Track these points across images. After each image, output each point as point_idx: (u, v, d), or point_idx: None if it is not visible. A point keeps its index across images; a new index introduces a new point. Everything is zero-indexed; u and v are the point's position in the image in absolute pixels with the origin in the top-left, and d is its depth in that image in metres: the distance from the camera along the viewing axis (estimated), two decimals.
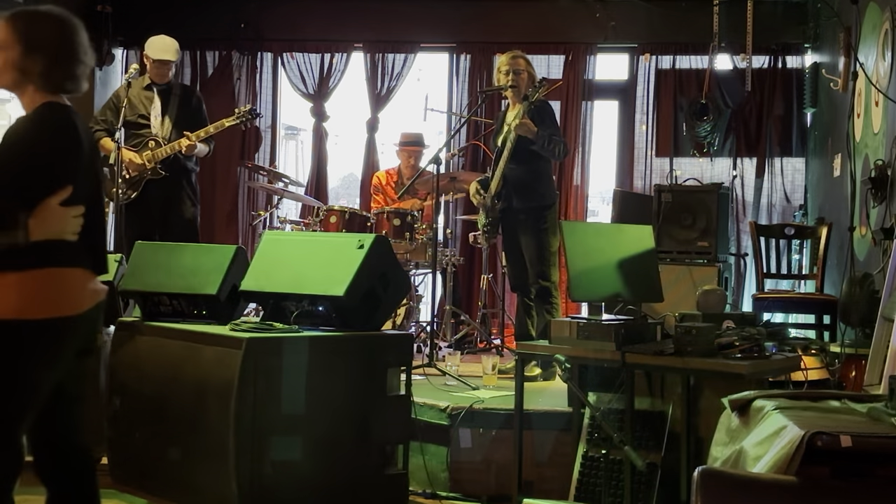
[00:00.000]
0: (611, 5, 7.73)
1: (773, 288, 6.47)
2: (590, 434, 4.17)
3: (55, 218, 2.60)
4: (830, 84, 6.66)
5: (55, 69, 2.69)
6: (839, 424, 2.52)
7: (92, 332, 2.80)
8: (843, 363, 4.39)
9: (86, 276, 2.73)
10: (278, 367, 3.78)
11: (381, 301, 4.16)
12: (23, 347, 2.60)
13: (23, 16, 2.71)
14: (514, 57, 5.60)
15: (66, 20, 2.73)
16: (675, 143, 7.73)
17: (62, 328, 2.65)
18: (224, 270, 4.36)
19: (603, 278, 3.94)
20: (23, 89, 2.71)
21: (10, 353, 2.59)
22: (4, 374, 2.59)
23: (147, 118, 6.07)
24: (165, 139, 5.99)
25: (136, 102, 6.10)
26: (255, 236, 7.16)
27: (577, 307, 6.33)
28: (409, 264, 6.37)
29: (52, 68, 2.68)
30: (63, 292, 2.66)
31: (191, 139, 5.86)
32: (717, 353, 3.56)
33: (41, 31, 2.69)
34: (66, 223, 2.62)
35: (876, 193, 5.21)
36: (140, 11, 7.92)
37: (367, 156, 8.14)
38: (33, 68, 2.67)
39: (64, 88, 2.73)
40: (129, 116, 6.05)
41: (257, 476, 3.69)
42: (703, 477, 2.42)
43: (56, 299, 2.64)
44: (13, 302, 2.59)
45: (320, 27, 8.05)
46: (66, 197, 2.61)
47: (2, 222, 2.56)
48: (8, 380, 2.60)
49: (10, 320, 2.58)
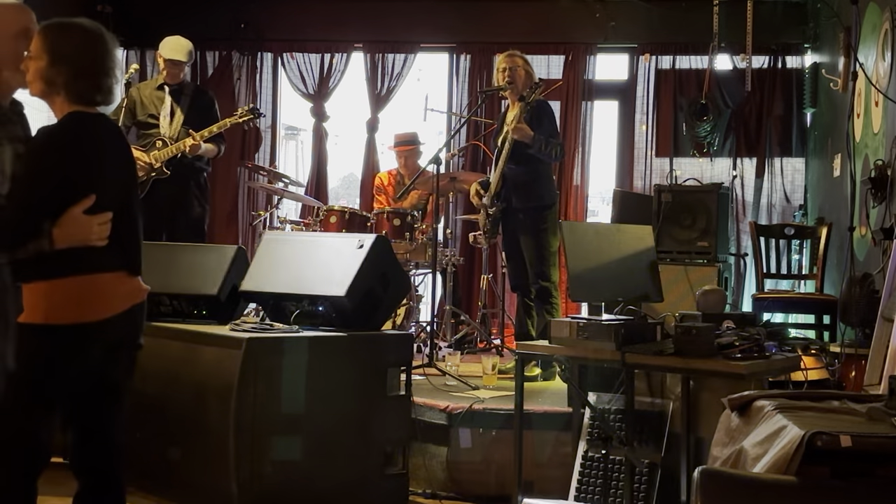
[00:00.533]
0: (611, 5, 7.73)
1: (773, 288, 6.47)
2: (590, 434, 4.17)
3: (79, 226, 2.67)
4: (830, 84, 6.66)
5: (79, 80, 2.73)
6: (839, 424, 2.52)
7: (133, 329, 2.89)
8: (843, 363, 4.39)
9: (117, 279, 2.80)
10: (278, 367, 3.79)
11: (381, 301, 4.17)
12: (49, 351, 2.68)
13: (53, 27, 2.76)
14: (510, 55, 5.61)
15: (92, 32, 2.78)
16: (674, 143, 7.72)
17: (88, 333, 2.72)
18: (224, 270, 4.37)
19: (603, 278, 3.94)
20: (52, 99, 2.77)
21: (36, 356, 2.68)
22: (30, 374, 2.67)
23: (157, 118, 6.07)
24: (173, 139, 5.98)
25: (147, 102, 6.11)
26: (255, 236, 7.16)
27: (577, 307, 6.33)
28: (409, 264, 6.37)
29: (76, 79, 2.73)
30: (90, 298, 2.73)
31: (195, 139, 5.86)
32: (717, 353, 3.56)
33: (66, 43, 2.74)
34: (90, 231, 2.68)
35: (876, 193, 5.21)
36: (140, 11, 7.92)
37: (367, 156, 8.14)
38: (58, 79, 2.73)
39: (91, 100, 2.77)
40: (139, 116, 6.09)
41: (257, 476, 3.70)
42: (703, 477, 2.42)
43: (82, 306, 2.71)
44: (41, 308, 2.68)
45: (320, 27, 8.05)
46: (89, 205, 2.67)
47: (26, 232, 2.62)
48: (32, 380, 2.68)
49: (38, 325, 2.67)
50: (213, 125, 5.96)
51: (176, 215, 6.03)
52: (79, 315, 2.70)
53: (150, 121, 6.08)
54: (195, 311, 4.38)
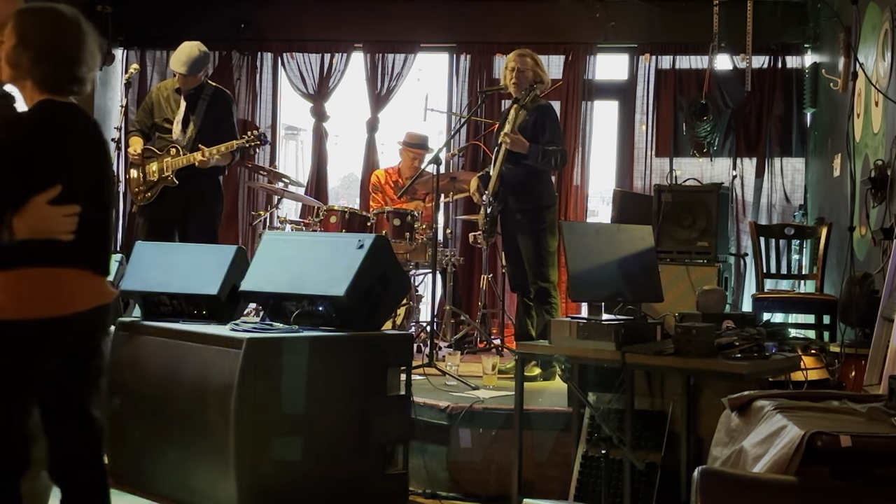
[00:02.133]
0: (611, 5, 7.73)
1: (773, 288, 6.46)
2: (590, 434, 4.16)
3: (43, 217, 2.55)
4: (830, 84, 6.66)
5: (42, 64, 2.64)
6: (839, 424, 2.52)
7: (92, 333, 2.75)
8: (843, 363, 4.39)
9: (81, 276, 2.68)
10: (278, 367, 3.78)
11: (381, 301, 4.17)
12: (9, 347, 2.57)
13: (25, 11, 2.69)
14: (520, 55, 5.52)
15: (65, 18, 2.68)
16: (674, 143, 7.73)
17: (51, 329, 2.60)
18: (224, 270, 4.37)
19: (603, 278, 3.94)
20: (22, 85, 2.69)
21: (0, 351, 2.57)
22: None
23: (171, 123, 6.04)
24: (186, 148, 5.95)
25: (163, 106, 6.07)
26: (255, 236, 7.15)
27: (577, 307, 6.33)
28: (409, 264, 6.36)
29: (38, 63, 2.63)
30: (52, 293, 2.61)
31: (204, 155, 5.83)
32: (717, 353, 3.56)
33: (34, 27, 2.65)
34: (55, 222, 2.57)
35: (876, 193, 5.21)
36: (140, 11, 7.92)
37: (367, 156, 8.14)
38: (22, 62, 2.64)
39: (57, 87, 2.67)
40: (156, 118, 6.07)
41: (257, 476, 3.70)
42: (703, 477, 2.42)
43: (44, 300, 2.59)
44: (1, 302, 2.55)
45: (320, 27, 8.04)
46: (54, 195, 2.56)
47: None
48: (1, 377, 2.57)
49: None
50: (221, 146, 5.88)
51: (188, 217, 6.01)
52: (40, 309, 2.57)
53: (164, 125, 6.05)
54: (195, 311, 4.38)
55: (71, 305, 2.64)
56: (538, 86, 5.45)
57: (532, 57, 5.54)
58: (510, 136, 5.28)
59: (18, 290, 2.57)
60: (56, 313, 2.61)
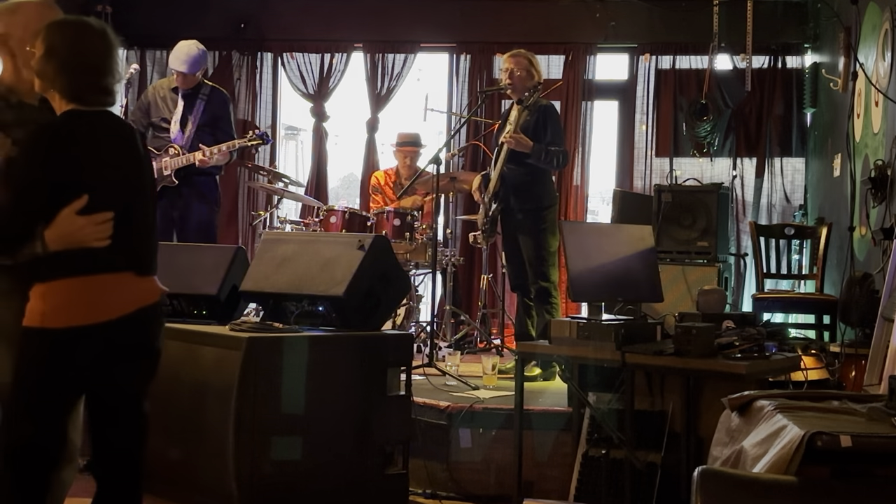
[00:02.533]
0: (611, 5, 7.72)
1: (773, 288, 6.46)
2: (590, 434, 4.17)
3: (73, 227, 2.60)
4: (830, 84, 6.66)
5: (67, 75, 2.68)
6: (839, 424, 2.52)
7: (143, 333, 2.80)
8: (843, 363, 4.39)
9: (121, 280, 2.71)
10: (278, 367, 3.78)
11: (381, 301, 4.17)
12: (48, 354, 2.63)
13: (53, 23, 2.73)
14: (513, 56, 5.54)
15: (91, 29, 2.72)
16: (674, 143, 7.73)
17: (86, 336, 2.64)
18: (224, 270, 4.36)
19: (603, 278, 3.94)
20: (52, 96, 2.73)
21: (35, 359, 2.63)
22: (30, 378, 2.64)
23: (169, 122, 6.03)
24: (185, 148, 5.94)
25: (160, 105, 6.06)
26: (255, 236, 7.15)
27: (577, 307, 6.33)
28: (409, 264, 6.37)
29: (63, 73, 2.67)
30: (87, 300, 2.65)
31: (204, 154, 5.82)
32: (717, 353, 3.56)
33: (60, 38, 2.69)
34: (86, 231, 2.61)
35: (876, 193, 5.21)
36: (140, 11, 7.91)
37: (367, 156, 8.14)
38: (48, 72, 2.69)
39: (83, 97, 2.70)
40: (153, 118, 6.06)
41: (257, 476, 3.70)
42: (703, 477, 2.42)
43: (81, 308, 2.64)
44: (38, 311, 2.62)
45: (320, 27, 8.04)
46: (81, 206, 2.60)
47: (13, 235, 2.58)
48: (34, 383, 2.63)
49: (35, 328, 2.62)
50: (223, 144, 5.88)
51: (185, 217, 6.01)
52: (73, 318, 2.63)
53: (162, 124, 6.04)
54: (195, 311, 4.38)
55: (107, 312, 2.67)
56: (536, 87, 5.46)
57: (526, 57, 5.55)
58: (514, 136, 5.28)
59: (55, 299, 2.63)
60: (88, 321, 2.64)
